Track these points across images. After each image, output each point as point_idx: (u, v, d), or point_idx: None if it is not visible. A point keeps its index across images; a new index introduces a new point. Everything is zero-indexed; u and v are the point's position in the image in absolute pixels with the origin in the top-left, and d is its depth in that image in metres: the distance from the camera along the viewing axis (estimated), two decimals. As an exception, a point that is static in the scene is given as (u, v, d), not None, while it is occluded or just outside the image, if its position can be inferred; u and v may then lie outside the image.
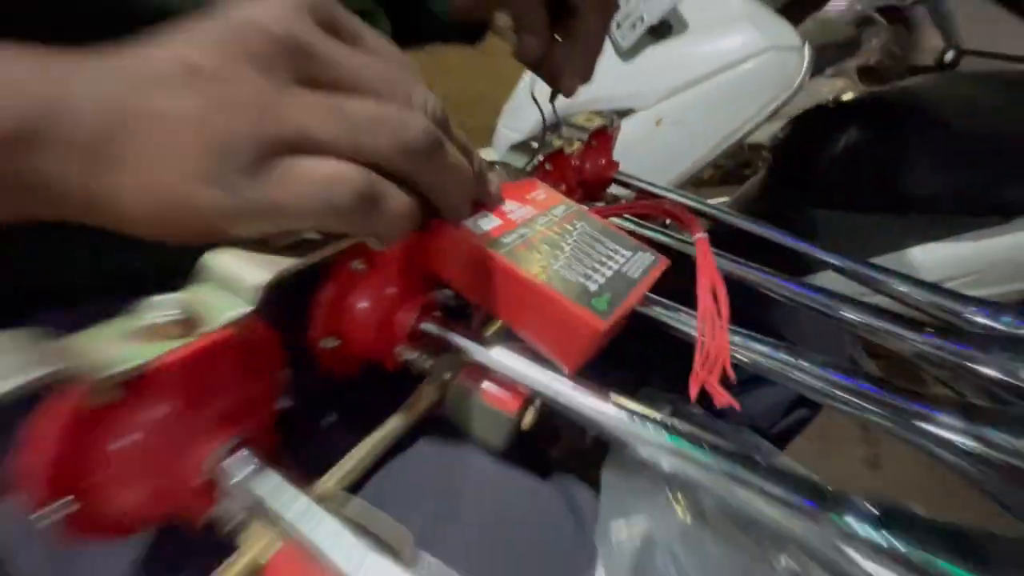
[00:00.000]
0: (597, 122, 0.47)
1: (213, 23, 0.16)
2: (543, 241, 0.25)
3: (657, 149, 0.77)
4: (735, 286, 0.27)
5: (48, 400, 0.14)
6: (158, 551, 0.22)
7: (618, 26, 0.78)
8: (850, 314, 0.28)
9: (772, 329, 0.26)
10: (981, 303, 0.29)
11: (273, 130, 0.15)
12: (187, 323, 0.16)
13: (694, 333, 0.25)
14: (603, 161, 0.45)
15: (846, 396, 0.22)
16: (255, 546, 0.17)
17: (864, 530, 0.16)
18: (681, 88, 0.75)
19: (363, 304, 0.23)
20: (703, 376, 0.23)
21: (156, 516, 0.17)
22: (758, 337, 0.25)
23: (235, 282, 0.17)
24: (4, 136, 0.14)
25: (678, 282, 0.27)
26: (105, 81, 0.15)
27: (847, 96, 1.01)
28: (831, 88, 1.24)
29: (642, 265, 0.27)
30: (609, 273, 0.25)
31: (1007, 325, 0.28)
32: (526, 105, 0.89)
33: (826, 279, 0.42)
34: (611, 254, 0.26)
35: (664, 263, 0.28)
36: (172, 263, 0.18)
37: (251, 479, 0.17)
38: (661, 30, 0.75)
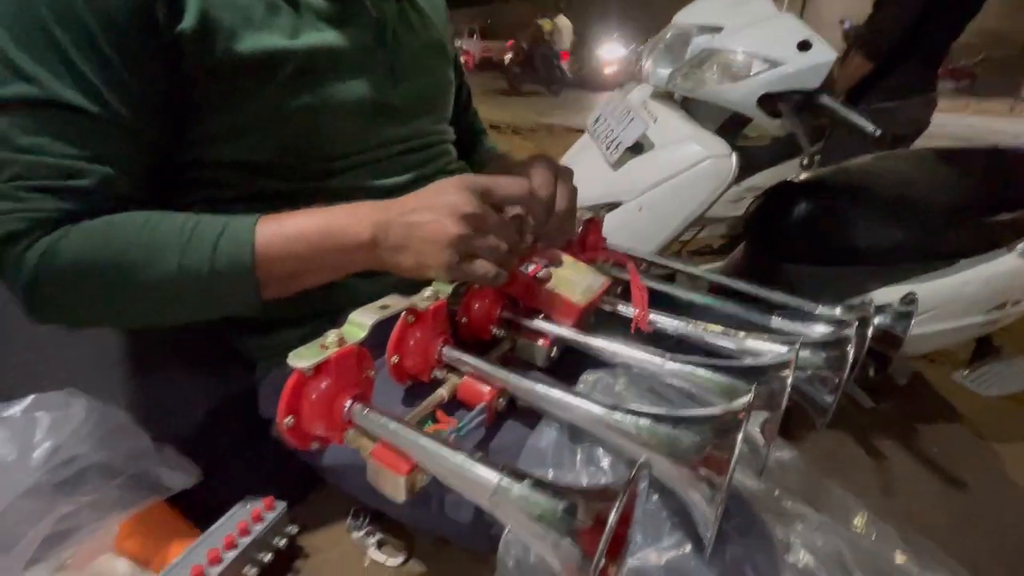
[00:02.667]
0: (588, 215, 0.69)
1: (434, 197, 0.42)
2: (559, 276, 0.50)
3: (640, 228, 0.99)
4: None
5: (290, 374, 0.36)
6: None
7: (607, 148, 1.03)
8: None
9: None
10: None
11: (468, 248, 0.42)
12: (340, 340, 0.37)
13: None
14: (593, 237, 0.68)
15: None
16: (366, 446, 0.37)
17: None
18: (652, 185, 0.98)
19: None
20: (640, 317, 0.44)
21: (326, 437, 0.38)
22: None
23: (358, 326, 0.39)
24: (364, 242, 0.43)
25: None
26: (398, 215, 0.42)
27: (803, 175, 1.23)
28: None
29: (599, 281, 0.52)
30: (584, 284, 0.49)
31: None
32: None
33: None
34: (587, 277, 0.50)
35: (608, 282, 0.54)
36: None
37: (361, 415, 0.37)
38: (636, 148, 0.99)
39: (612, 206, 1.05)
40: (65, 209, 0.42)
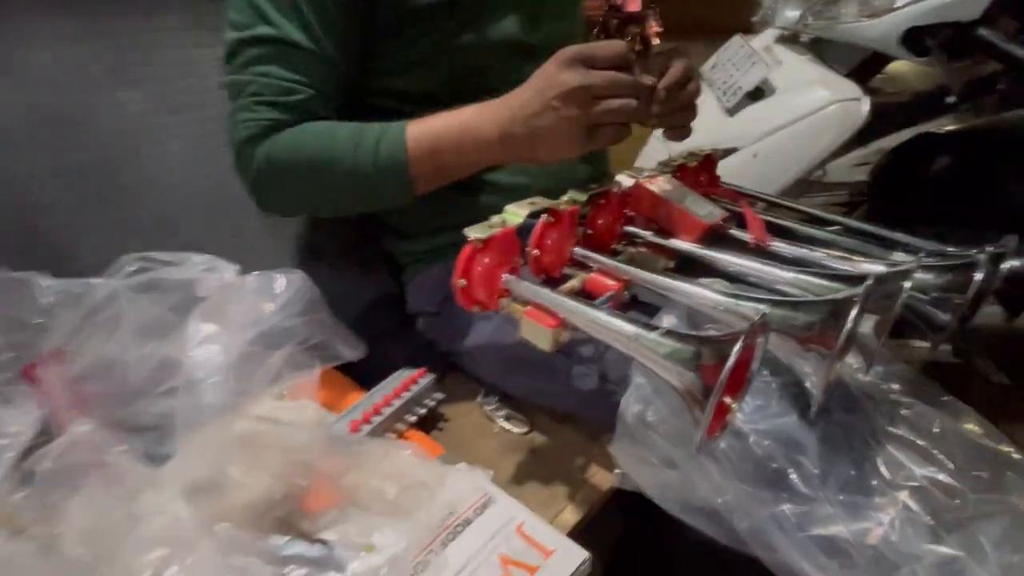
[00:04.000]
0: (707, 151, 0.73)
1: (547, 88, 0.48)
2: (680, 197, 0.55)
3: (755, 175, 0.99)
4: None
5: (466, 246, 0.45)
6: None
7: (723, 93, 1.03)
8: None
9: None
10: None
11: (590, 121, 0.48)
12: (503, 223, 0.46)
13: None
14: (708, 173, 0.71)
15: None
16: (518, 310, 0.46)
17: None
18: (771, 132, 0.97)
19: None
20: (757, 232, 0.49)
21: (485, 302, 0.47)
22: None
23: (515, 214, 0.47)
24: (493, 142, 0.50)
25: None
26: (521, 120, 0.49)
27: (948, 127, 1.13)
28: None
29: (719, 211, 0.56)
30: (707, 210, 0.54)
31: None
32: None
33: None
34: (708, 205, 0.55)
35: (725, 214, 0.57)
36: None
37: (517, 284, 0.46)
38: (755, 94, 0.98)
39: (728, 152, 1.04)
40: (281, 120, 0.53)
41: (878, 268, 0.50)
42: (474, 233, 0.44)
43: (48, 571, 0.33)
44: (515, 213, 0.47)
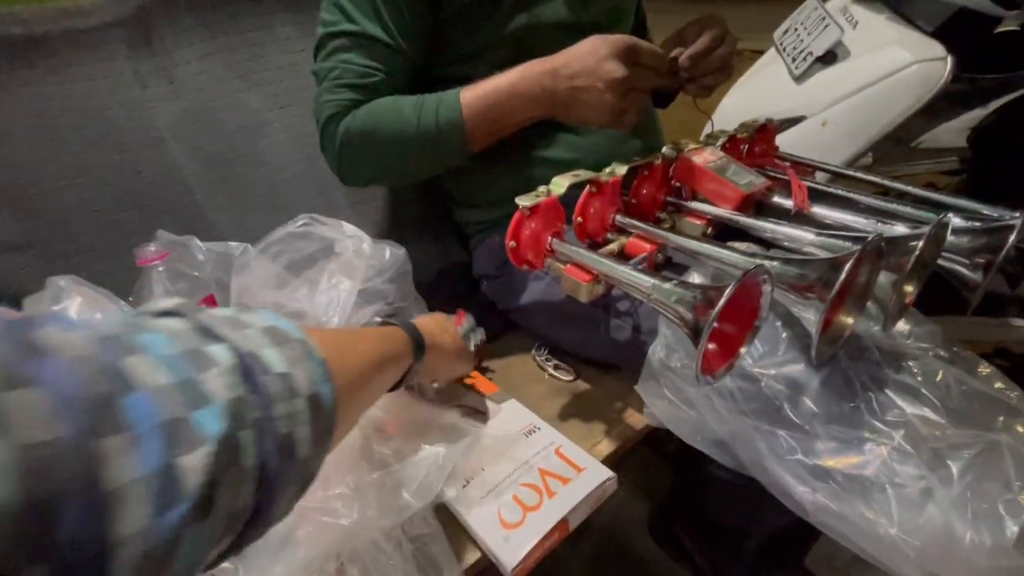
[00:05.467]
0: (763, 120, 0.75)
1: (593, 63, 0.56)
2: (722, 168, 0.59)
3: (823, 144, 0.97)
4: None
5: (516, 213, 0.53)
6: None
7: (792, 60, 1.01)
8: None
9: None
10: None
11: (622, 105, 0.56)
12: (548, 192, 0.53)
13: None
14: (763, 144, 0.73)
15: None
16: (559, 267, 0.53)
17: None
18: (841, 98, 0.95)
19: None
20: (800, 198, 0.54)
21: (533, 261, 0.55)
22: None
23: (559, 185, 0.54)
24: (538, 99, 0.60)
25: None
26: (559, 65, 0.58)
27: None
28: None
29: (761, 180, 0.60)
30: (748, 179, 0.58)
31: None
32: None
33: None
34: (750, 175, 0.59)
35: (768, 183, 0.61)
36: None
37: (559, 246, 0.53)
38: (828, 59, 0.96)
39: (794, 121, 1.03)
40: (358, 100, 0.64)
41: (899, 230, 0.52)
42: (523, 201, 0.52)
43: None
44: (559, 184, 0.54)
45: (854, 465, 0.38)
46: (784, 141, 0.77)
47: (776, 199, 0.62)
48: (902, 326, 0.50)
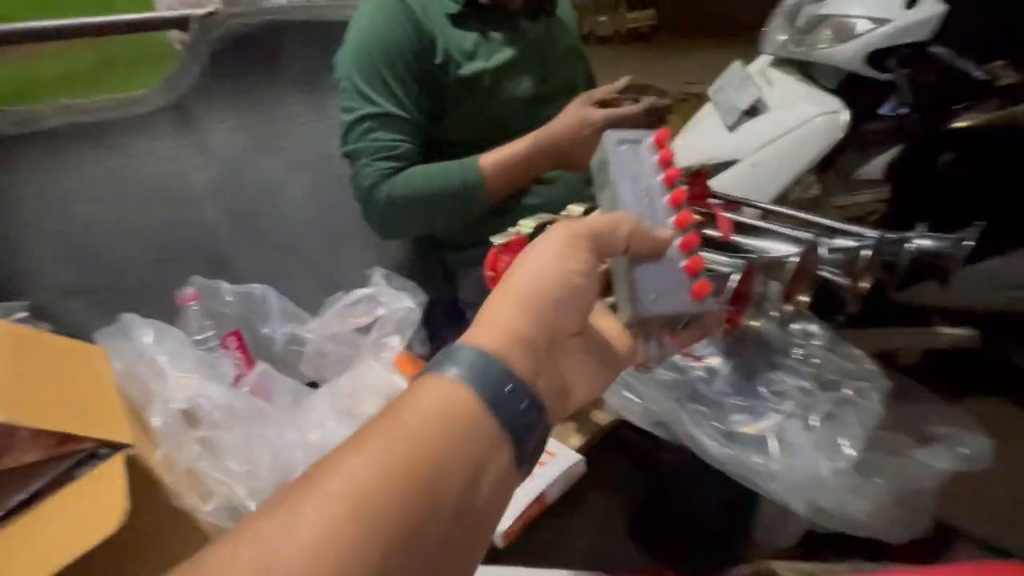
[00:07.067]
0: (696, 167, 0.90)
1: (580, 132, 0.74)
2: None
3: (754, 183, 1.14)
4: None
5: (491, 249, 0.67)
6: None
7: (724, 112, 1.19)
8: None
9: None
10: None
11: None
12: (518, 232, 0.67)
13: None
14: (697, 188, 0.89)
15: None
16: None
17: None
18: (765, 144, 1.13)
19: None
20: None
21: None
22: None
23: (527, 225, 0.68)
24: (544, 167, 0.77)
25: None
26: (557, 129, 0.75)
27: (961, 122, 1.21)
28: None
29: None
30: None
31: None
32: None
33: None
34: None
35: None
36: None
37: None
38: (752, 111, 1.14)
39: (729, 164, 1.20)
40: (393, 167, 0.78)
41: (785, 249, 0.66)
42: (496, 240, 0.66)
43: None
44: (526, 224, 0.68)
45: (753, 427, 0.51)
46: (722, 181, 0.93)
47: (706, 231, 0.77)
48: (799, 326, 0.64)
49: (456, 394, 0.21)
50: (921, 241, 0.69)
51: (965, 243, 0.70)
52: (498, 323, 0.24)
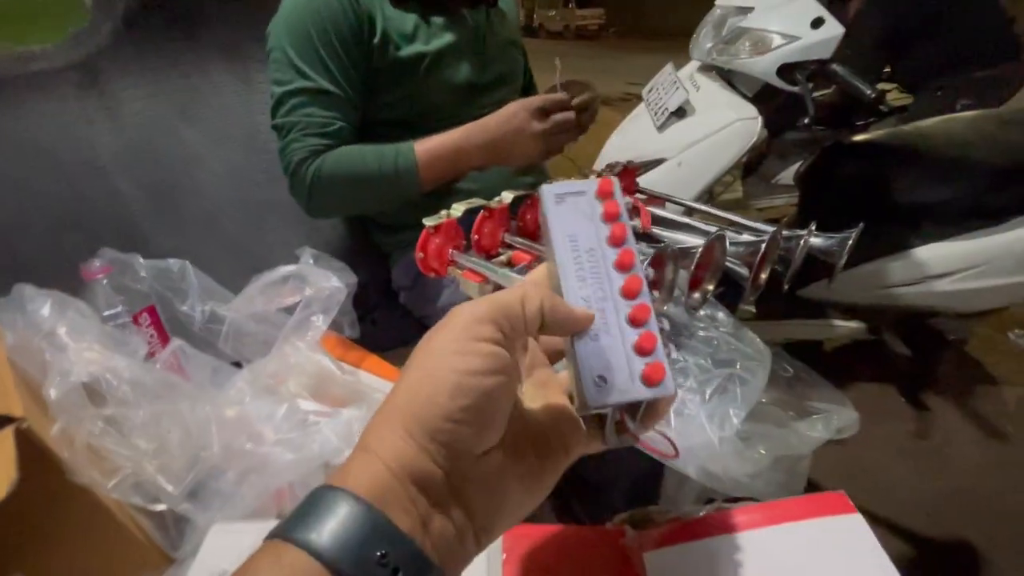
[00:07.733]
0: (624, 162, 0.95)
1: (515, 125, 0.75)
2: None
3: (679, 180, 1.22)
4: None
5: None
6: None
7: (654, 113, 1.25)
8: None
9: None
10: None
11: (547, 148, 0.75)
12: (448, 215, 0.69)
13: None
14: (625, 182, 0.93)
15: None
16: (458, 273, 0.68)
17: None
18: (690, 144, 1.20)
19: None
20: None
21: (438, 269, 0.70)
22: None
23: (457, 209, 0.70)
24: (477, 161, 0.77)
25: None
26: (494, 130, 0.75)
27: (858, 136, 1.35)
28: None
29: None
30: None
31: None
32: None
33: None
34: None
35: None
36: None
37: (458, 256, 0.69)
38: (680, 113, 1.21)
39: (657, 162, 1.27)
40: (323, 144, 0.76)
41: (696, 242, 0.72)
42: (428, 222, 0.67)
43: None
44: (457, 208, 0.70)
45: (657, 401, 0.56)
46: (650, 178, 0.98)
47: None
48: (707, 312, 0.70)
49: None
50: (812, 239, 0.77)
51: (849, 241, 0.79)
52: (380, 452, 0.20)
